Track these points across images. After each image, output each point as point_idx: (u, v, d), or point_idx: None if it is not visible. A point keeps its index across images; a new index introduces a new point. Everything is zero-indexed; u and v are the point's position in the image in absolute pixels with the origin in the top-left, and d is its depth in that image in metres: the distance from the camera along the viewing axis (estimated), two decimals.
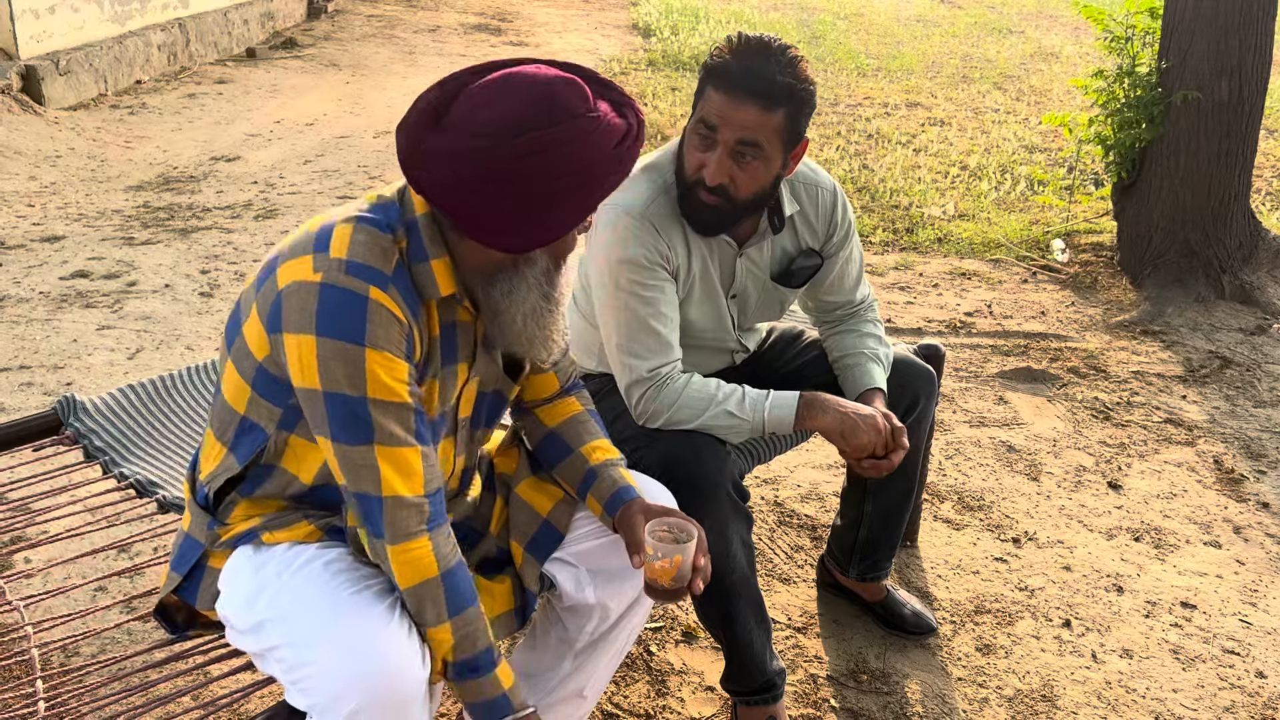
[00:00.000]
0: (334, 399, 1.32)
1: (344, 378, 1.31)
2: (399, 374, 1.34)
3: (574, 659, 1.70)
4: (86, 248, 4.44)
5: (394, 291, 1.33)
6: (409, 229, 1.38)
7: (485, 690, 1.40)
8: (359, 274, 1.32)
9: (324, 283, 1.31)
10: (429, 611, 1.37)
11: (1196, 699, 2.24)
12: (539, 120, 1.28)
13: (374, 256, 1.33)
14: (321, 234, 1.36)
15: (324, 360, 1.31)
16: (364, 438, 1.33)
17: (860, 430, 1.87)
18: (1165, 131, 4.30)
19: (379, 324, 1.31)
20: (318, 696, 1.31)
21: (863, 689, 2.23)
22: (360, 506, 1.37)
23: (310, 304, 1.31)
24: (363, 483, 1.35)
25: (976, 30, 11.15)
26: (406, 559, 1.36)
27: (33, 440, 2.10)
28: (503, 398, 1.61)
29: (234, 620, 1.44)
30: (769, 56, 1.77)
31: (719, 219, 1.88)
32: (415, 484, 1.37)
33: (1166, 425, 3.37)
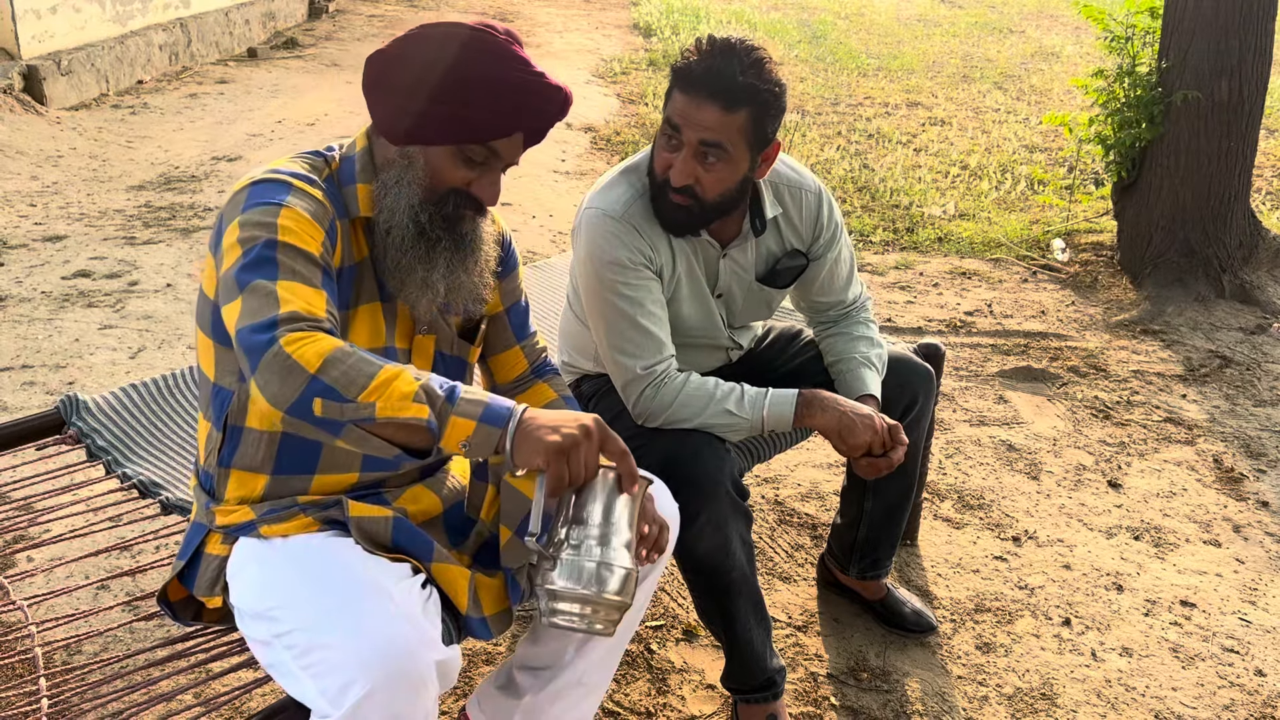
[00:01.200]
0: (247, 254, 1.34)
1: (257, 227, 1.36)
2: (313, 233, 1.39)
3: (575, 649, 1.71)
4: (88, 247, 4.44)
5: (319, 189, 1.44)
6: (343, 161, 1.51)
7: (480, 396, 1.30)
8: (285, 174, 1.43)
9: (252, 182, 1.42)
10: (362, 367, 1.25)
11: (1196, 697, 2.25)
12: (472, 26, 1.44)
13: (301, 168, 1.46)
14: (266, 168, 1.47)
15: (244, 226, 1.36)
16: (269, 274, 1.32)
17: (858, 429, 1.88)
18: (1165, 131, 4.31)
19: (299, 196, 1.40)
20: (330, 680, 1.31)
21: (863, 687, 2.23)
22: (252, 333, 1.27)
23: (240, 199, 1.40)
24: (260, 311, 1.28)
25: (977, 30, 11.16)
26: (304, 341, 1.25)
27: (35, 439, 2.11)
28: (463, 364, 1.65)
29: (245, 607, 1.45)
30: (732, 57, 1.77)
31: (689, 219, 1.89)
32: (318, 310, 1.31)
33: (1166, 424, 3.38)
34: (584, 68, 8.63)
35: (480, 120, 1.43)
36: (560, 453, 1.29)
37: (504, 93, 1.42)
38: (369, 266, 1.50)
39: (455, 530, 1.64)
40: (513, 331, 1.73)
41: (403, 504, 1.58)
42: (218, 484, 1.53)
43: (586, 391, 2.14)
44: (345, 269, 1.47)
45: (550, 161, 6.00)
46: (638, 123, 6.92)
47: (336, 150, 1.53)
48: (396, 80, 1.44)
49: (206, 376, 1.51)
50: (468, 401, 1.29)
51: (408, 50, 1.44)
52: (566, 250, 4.24)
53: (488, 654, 2.27)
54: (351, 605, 1.35)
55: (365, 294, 1.49)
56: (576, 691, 1.75)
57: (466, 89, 1.41)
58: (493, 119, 1.43)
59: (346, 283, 1.47)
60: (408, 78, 1.43)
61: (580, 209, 1.96)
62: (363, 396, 1.24)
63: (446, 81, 1.41)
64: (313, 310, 1.31)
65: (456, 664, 1.40)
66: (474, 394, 1.31)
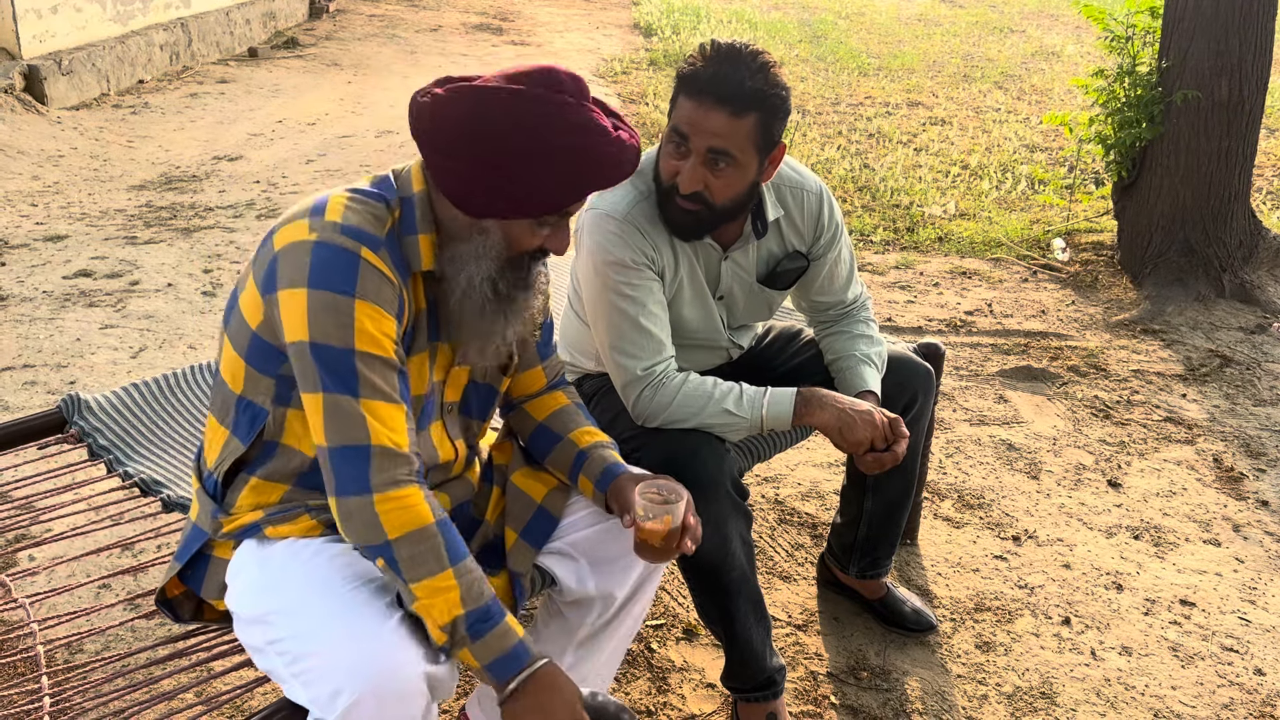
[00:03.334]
0: (321, 350, 1.34)
1: (333, 328, 1.34)
2: (387, 329, 1.37)
3: (576, 650, 1.71)
4: (89, 247, 4.45)
5: (385, 255, 1.38)
6: (403, 203, 1.43)
7: (502, 641, 1.36)
8: (352, 235, 1.36)
9: (318, 240, 1.35)
10: (430, 560, 1.33)
11: (1195, 696, 2.25)
12: (538, 81, 1.37)
13: (367, 222, 1.39)
14: (318, 202, 1.41)
15: (314, 311, 1.34)
16: (351, 389, 1.34)
17: (857, 426, 1.88)
18: (1165, 131, 4.31)
19: (369, 280, 1.35)
20: (319, 688, 1.32)
21: (863, 686, 2.24)
22: (341, 462, 1.34)
23: (304, 259, 1.35)
24: (350, 434, 1.34)
25: (978, 29, 11.16)
26: (397, 506, 1.34)
27: (37, 439, 2.12)
28: (493, 391, 1.64)
29: (241, 611, 1.45)
30: (739, 63, 1.77)
31: (697, 225, 1.89)
32: (401, 439, 1.37)
33: (1166, 424, 3.38)
34: (584, 68, 8.64)
35: (563, 196, 1.40)
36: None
37: (588, 168, 1.39)
38: (424, 317, 1.47)
39: (462, 529, 1.65)
40: (537, 351, 1.71)
41: None
42: (229, 491, 1.52)
43: (588, 391, 2.15)
44: (409, 327, 1.45)
45: None
46: (639, 122, 6.92)
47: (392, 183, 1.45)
48: (468, 152, 1.36)
49: (230, 387, 1.48)
50: (487, 646, 1.35)
51: (477, 119, 1.35)
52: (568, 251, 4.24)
53: None
54: (342, 615, 1.35)
55: (418, 344, 1.48)
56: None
57: (551, 170, 1.37)
58: (575, 192, 1.41)
59: (405, 340, 1.45)
60: (482, 152, 1.36)
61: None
62: (414, 585, 1.34)
63: (529, 162, 1.36)
64: (398, 441, 1.36)
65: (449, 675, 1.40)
66: (502, 636, 1.36)
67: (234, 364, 1.46)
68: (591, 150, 1.38)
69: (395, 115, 6.90)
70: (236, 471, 1.52)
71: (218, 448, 1.52)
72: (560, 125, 1.36)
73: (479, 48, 9.35)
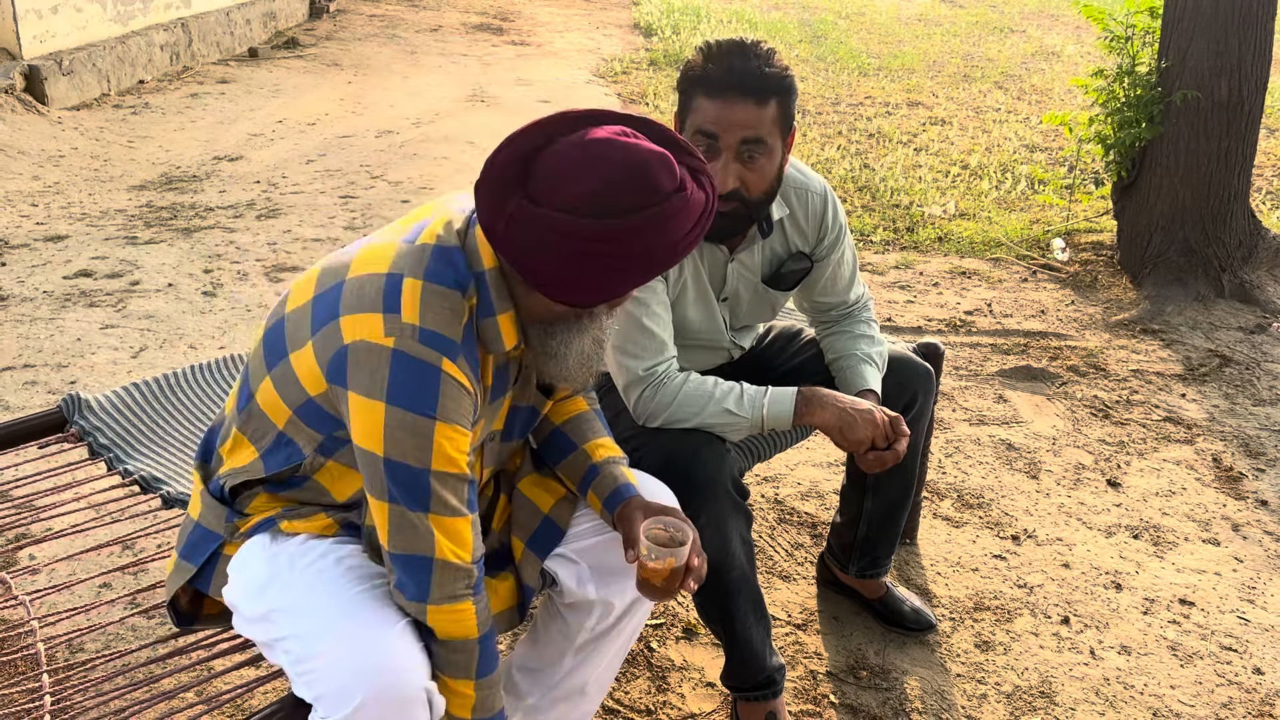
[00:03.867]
0: (396, 466, 1.32)
1: (411, 449, 1.31)
2: (462, 446, 1.35)
3: (575, 655, 1.71)
4: (90, 247, 4.45)
5: (463, 361, 1.33)
6: (478, 283, 1.37)
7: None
8: (431, 343, 1.30)
9: (396, 349, 1.29)
10: (459, 668, 1.40)
11: (1194, 695, 2.25)
12: (635, 201, 1.27)
13: (444, 323, 1.32)
14: (389, 289, 1.32)
15: (391, 429, 1.30)
16: (422, 505, 1.34)
17: (858, 425, 1.89)
18: (1165, 131, 4.31)
19: (450, 397, 1.32)
20: (323, 689, 1.33)
21: (862, 685, 2.24)
22: (405, 567, 1.36)
23: (381, 371, 1.29)
24: (415, 545, 1.35)
25: (978, 29, 11.16)
26: (451, 618, 1.38)
27: (38, 438, 2.12)
28: (536, 412, 1.63)
29: (243, 608, 1.45)
30: (748, 54, 1.79)
31: (734, 224, 1.89)
32: (465, 552, 1.38)
33: (1166, 423, 3.38)
34: (584, 67, 8.64)
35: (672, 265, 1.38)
36: None
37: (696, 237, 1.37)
38: (489, 390, 1.46)
39: None
40: None
41: None
42: (242, 498, 1.51)
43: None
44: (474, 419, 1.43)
45: None
46: None
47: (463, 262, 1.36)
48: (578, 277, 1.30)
49: (271, 419, 1.44)
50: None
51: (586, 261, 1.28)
52: None
53: None
54: (348, 618, 1.36)
55: (481, 411, 1.45)
56: (577, 698, 1.76)
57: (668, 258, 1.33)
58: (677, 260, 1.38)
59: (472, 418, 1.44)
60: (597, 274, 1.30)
61: None
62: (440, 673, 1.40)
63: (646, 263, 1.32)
64: (461, 555, 1.37)
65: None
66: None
67: (278, 407, 1.42)
68: (699, 224, 1.35)
69: (395, 115, 6.91)
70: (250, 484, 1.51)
71: (239, 461, 1.49)
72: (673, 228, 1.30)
73: (479, 48, 9.36)
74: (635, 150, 1.28)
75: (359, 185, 5.45)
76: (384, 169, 5.75)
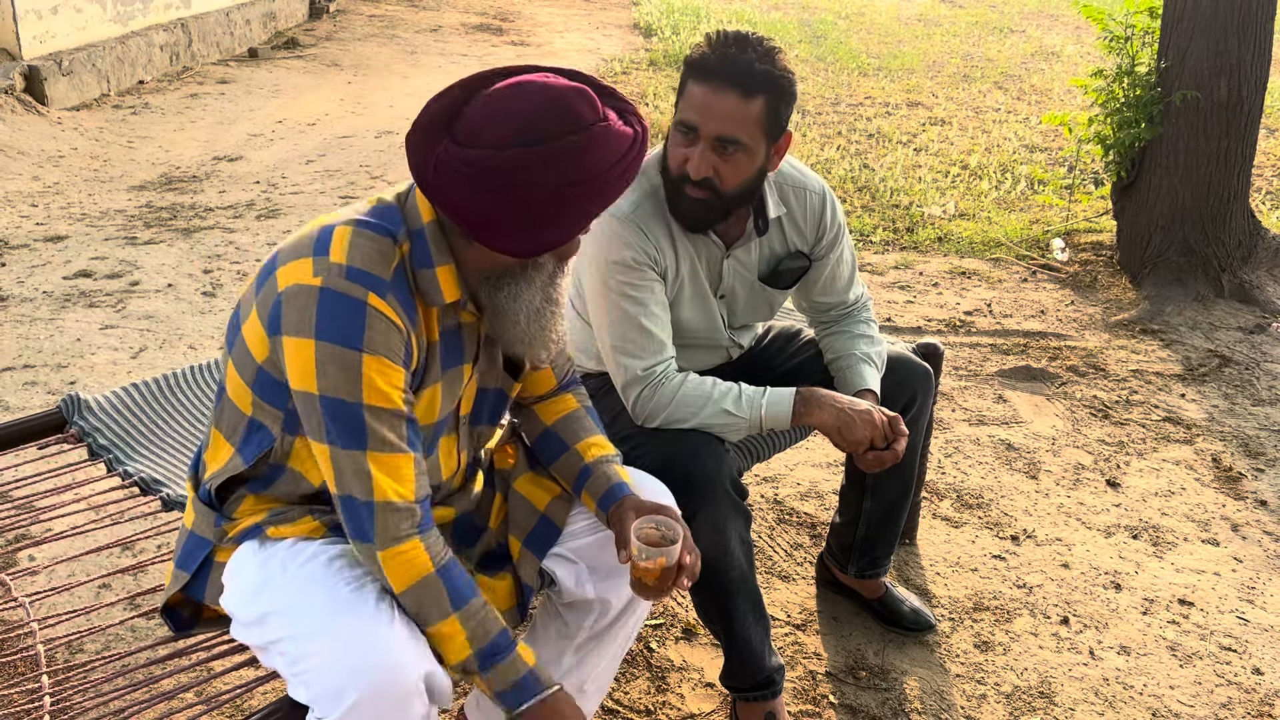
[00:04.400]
0: (330, 403, 1.34)
1: (343, 383, 1.33)
2: (395, 381, 1.36)
3: (574, 654, 1.71)
4: (89, 247, 4.45)
5: (392, 299, 1.35)
6: (413, 236, 1.40)
7: (512, 672, 1.40)
8: (358, 279, 1.34)
9: (323, 287, 1.33)
10: (432, 610, 1.38)
11: (1193, 695, 2.26)
12: (553, 129, 1.30)
13: (373, 262, 1.35)
14: (321, 237, 1.37)
15: (321, 364, 1.33)
16: (358, 443, 1.35)
17: (856, 425, 1.89)
18: (1164, 131, 4.31)
19: (377, 330, 1.34)
20: (319, 689, 1.33)
21: (861, 685, 2.24)
22: (349, 511, 1.37)
23: (310, 308, 1.33)
24: (353, 487, 1.36)
25: (977, 29, 11.16)
26: (399, 561, 1.37)
27: (37, 438, 2.12)
28: (504, 395, 1.63)
29: (239, 613, 1.46)
30: (746, 47, 1.79)
31: (707, 213, 1.89)
32: (406, 490, 1.38)
33: (1165, 424, 3.38)
34: (584, 68, 8.64)
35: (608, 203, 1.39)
36: None
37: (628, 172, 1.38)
38: (436, 349, 1.46)
39: (465, 537, 1.65)
40: None
41: None
42: (230, 503, 1.52)
43: (588, 390, 2.15)
44: (419, 365, 1.44)
45: None
46: None
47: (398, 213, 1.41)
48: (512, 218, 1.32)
49: (239, 408, 1.47)
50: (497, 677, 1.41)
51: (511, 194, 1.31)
52: None
53: None
54: (342, 616, 1.36)
55: (430, 378, 1.47)
56: (577, 696, 1.76)
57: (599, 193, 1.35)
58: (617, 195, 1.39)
59: (416, 376, 1.45)
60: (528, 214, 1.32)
61: None
62: (425, 629, 1.39)
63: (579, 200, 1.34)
64: (403, 492, 1.37)
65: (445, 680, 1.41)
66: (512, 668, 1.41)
67: (240, 389, 1.45)
68: (625, 158, 1.37)
69: (395, 115, 6.91)
70: (234, 487, 1.52)
71: (219, 461, 1.51)
72: (598, 163, 1.33)
73: (479, 48, 9.36)
74: (555, 87, 1.33)
75: (359, 186, 5.45)
76: (384, 169, 5.75)
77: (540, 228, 1.35)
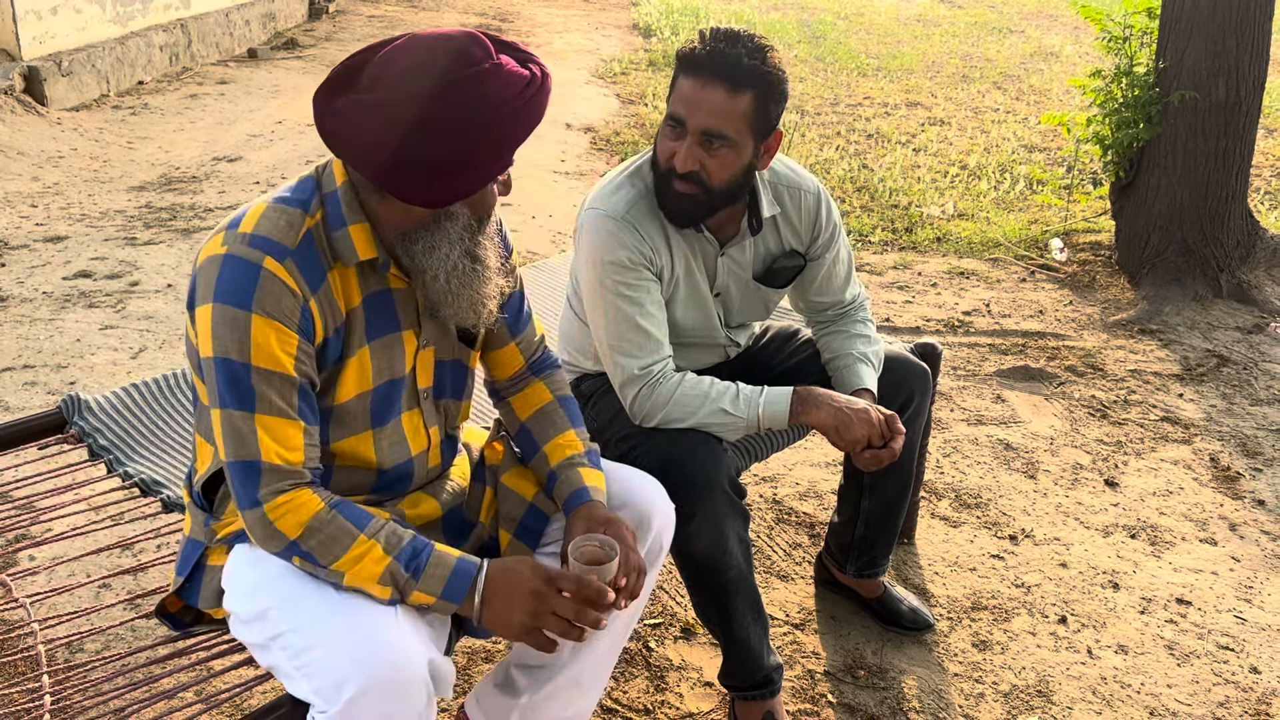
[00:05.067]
0: (222, 364, 1.36)
1: (232, 343, 1.35)
2: (287, 346, 1.37)
3: (573, 648, 1.72)
4: (89, 248, 4.46)
5: (292, 265, 1.37)
6: (325, 200, 1.43)
7: (443, 566, 1.40)
8: (257, 245, 1.37)
9: (227, 254, 1.36)
10: (339, 538, 1.37)
11: (1191, 694, 2.26)
12: (444, 66, 1.33)
13: (277, 230, 1.38)
14: (237, 215, 1.41)
15: (216, 325, 1.35)
16: (247, 404, 1.36)
17: (854, 424, 1.89)
18: (1163, 131, 4.32)
19: (269, 293, 1.35)
20: (322, 680, 1.33)
21: (860, 684, 2.24)
22: (237, 477, 1.37)
23: (213, 274, 1.36)
24: (243, 449, 1.36)
25: (976, 30, 11.17)
26: (287, 508, 1.37)
27: (37, 439, 2.12)
28: (463, 367, 1.64)
29: (239, 610, 1.46)
30: (737, 43, 1.80)
31: (694, 208, 1.89)
32: (294, 456, 1.39)
33: (1163, 423, 3.39)
34: (583, 68, 8.65)
35: (512, 150, 1.41)
36: (526, 634, 1.41)
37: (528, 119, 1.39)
38: (359, 312, 1.47)
39: (455, 533, 1.66)
40: (507, 326, 1.70)
41: (402, 508, 1.59)
42: (218, 502, 1.54)
43: (586, 391, 2.16)
44: (332, 334, 1.44)
45: (550, 162, 6.01)
46: (637, 123, 6.93)
47: (311, 186, 1.44)
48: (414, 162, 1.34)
49: (205, 407, 1.48)
50: (431, 577, 1.39)
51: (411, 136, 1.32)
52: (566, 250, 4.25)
53: (487, 652, 2.29)
54: (344, 607, 1.37)
55: (356, 341, 1.47)
56: (573, 691, 1.76)
57: (501, 138, 1.36)
58: (520, 142, 1.41)
59: (336, 343, 1.45)
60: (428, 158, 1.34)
61: (582, 209, 1.98)
62: (335, 565, 1.38)
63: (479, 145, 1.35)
64: (289, 458, 1.38)
65: (449, 669, 1.41)
66: (439, 564, 1.40)
67: (200, 386, 1.47)
68: (527, 104, 1.38)
69: None
70: (220, 483, 1.54)
71: (204, 462, 1.53)
72: (493, 99, 1.34)
73: None
74: (446, 33, 1.37)
75: None
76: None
77: (444, 173, 1.36)
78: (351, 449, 1.51)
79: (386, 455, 1.54)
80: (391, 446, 1.55)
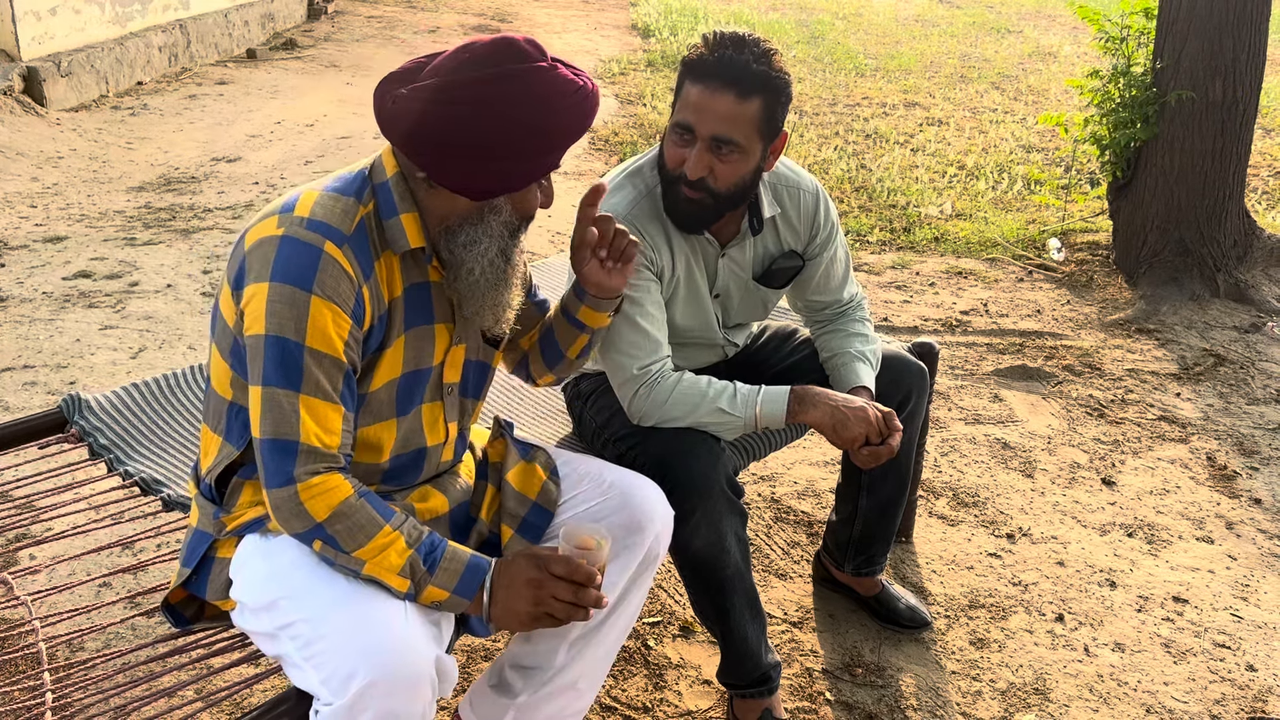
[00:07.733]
0: (274, 342, 1.37)
1: (289, 321, 1.37)
2: (341, 329, 1.40)
3: (568, 650, 1.72)
4: (89, 248, 4.46)
5: (349, 251, 1.41)
6: (378, 190, 1.47)
7: (457, 561, 1.44)
8: (316, 229, 1.39)
9: (284, 235, 1.39)
10: (365, 525, 1.40)
11: (1187, 692, 2.27)
12: (500, 58, 1.38)
13: (334, 216, 1.41)
14: (289, 199, 1.44)
15: (272, 303, 1.37)
16: (294, 384, 1.38)
17: (850, 422, 1.90)
18: (1160, 131, 4.33)
19: (329, 274, 1.38)
20: (330, 671, 1.34)
21: (857, 682, 2.25)
22: (270, 454, 1.38)
23: (270, 255, 1.38)
24: (283, 426, 1.38)
25: (975, 30, 11.18)
26: (320, 489, 1.39)
27: (38, 438, 2.13)
28: (487, 367, 1.68)
29: (248, 600, 1.47)
30: (743, 48, 1.80)
31: (701, 213, 1.90)
32: (331, 440, 1.41)
33: (1160, 422, 3.40)
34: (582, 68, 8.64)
35: (559, 153, 1.44)
36: (535, 621, 1.44)
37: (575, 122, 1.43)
38: (400, 302, 1.50)
39: (459, 529, 1.67)
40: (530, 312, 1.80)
41: (410, 502, 1.61)
42: (228, 495, 1.55)
43: (585, 390, 2.16)
44: (377, 321, 1.47)
45: None
46: (636, 123, 6.94)
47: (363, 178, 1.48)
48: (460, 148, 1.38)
49: (220, 394, 1.50)
50: (445, 572, 1.43)
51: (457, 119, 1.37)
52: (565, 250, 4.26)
53: (486, 651, 2.29)
54: (354, 598, 1.38)
55: (395, 331, 1.50)
56: (569, 694, 1.76)
57: (546, 136, 1.41)
58: (567, 146, 1.45)
59: (379, 330, 1.48)
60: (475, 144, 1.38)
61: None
62: (357, 553, 1.40)
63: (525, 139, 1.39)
64: (327, 441, 1.40)
65: (453, 667, 1.42)
66: (454, 560, 1.44)
67: (221, 370, 1.49)
68: (576, 105, 1.42)
69: None
70: (230, 476, 1.55)
71: (212, 454, 1.54)
72: (546, 93, 1.39)
73: None
74: (504, 35, 1.43)
75: None
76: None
77: (493, 158, 1.39)
78: (374, 436, 1.53)
79: (402, 444, 1.57)
80: (408, 435, 1.57)
